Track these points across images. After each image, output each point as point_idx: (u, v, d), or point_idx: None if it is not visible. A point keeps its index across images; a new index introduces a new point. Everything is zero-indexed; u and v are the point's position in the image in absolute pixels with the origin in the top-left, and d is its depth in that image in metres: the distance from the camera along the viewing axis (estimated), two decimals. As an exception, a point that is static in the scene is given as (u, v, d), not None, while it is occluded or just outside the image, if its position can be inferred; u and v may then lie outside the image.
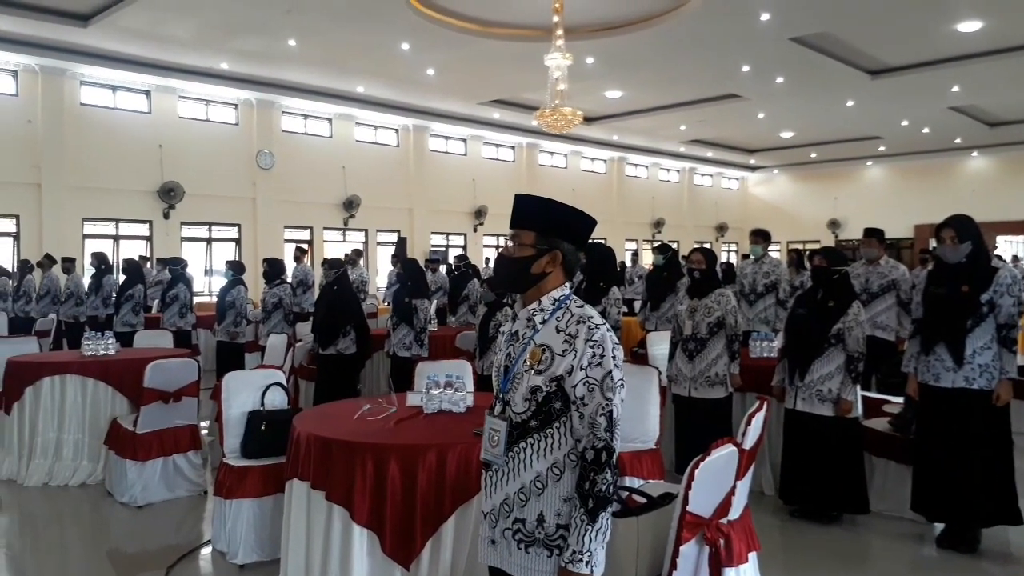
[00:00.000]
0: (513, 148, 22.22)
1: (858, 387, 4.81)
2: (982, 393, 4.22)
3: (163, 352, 6.58)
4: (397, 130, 19.47)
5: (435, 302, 10.99)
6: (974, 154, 24.37)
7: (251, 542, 4.16)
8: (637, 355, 7.76)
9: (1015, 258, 17.93)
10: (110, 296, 10.16)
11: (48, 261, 11.47)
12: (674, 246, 8.89)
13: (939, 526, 4.59)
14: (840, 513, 4.86)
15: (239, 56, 14.16)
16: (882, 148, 24.17)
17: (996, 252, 7.90)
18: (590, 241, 2.90)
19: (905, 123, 20.26)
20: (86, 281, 10.91)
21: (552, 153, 23.29)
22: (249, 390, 4.50)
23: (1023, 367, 6.29)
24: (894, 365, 5.84)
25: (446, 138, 20.61)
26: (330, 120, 18.15)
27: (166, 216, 15.52)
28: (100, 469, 5.78)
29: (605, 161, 24.89)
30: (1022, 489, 4.41)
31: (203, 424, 6.44)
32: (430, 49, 13.44)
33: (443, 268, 13.79)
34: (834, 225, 27.21)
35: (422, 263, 10.22)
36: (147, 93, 15.36)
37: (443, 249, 20.17)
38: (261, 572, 4.04)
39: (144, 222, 15.49)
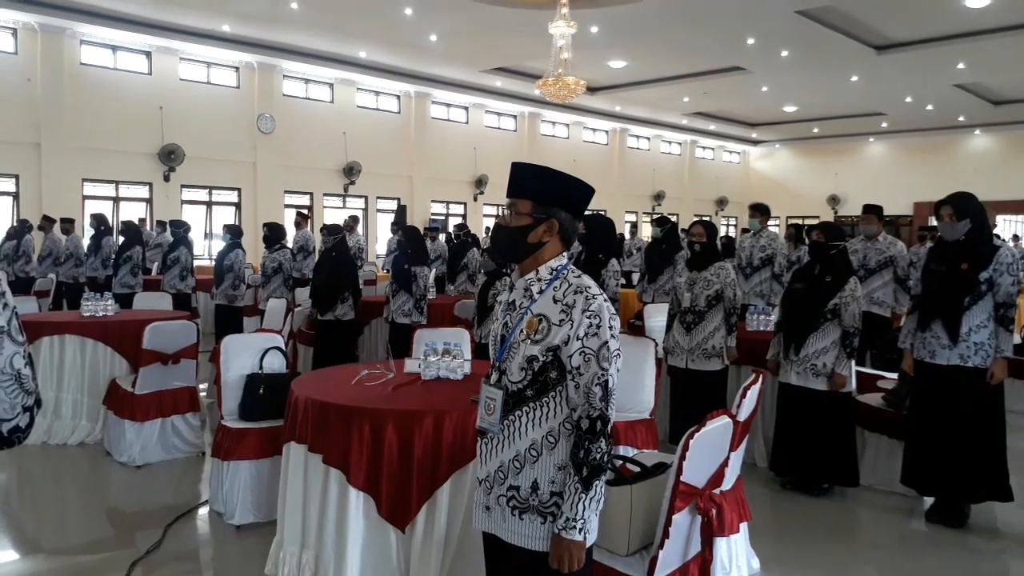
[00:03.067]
0: (515, 117, 22.08)
1: (852, 362, 4.83)
2: (977, 371, 4.25)
3: (162, 314, 6.60)
4: (399, 96, 19.34)
5: (434, 270, 11.00)
6: (977, 132, 24.24)
7: (248, 503, 4.21)
8: (634, 327, 7.80)
9: (1015, 237, 17.92)
10: (109, 258, 10.16)
11: (47, 223, 11.44)
12: (674, 219, 8.86)
13: (928, 501, 4.64)
14: (831, 486, 4.91)
15: (241, 18, 14.02)
16: (885, 124, 24.05)
17: (995, 231, 7.90)
18: (589, 213, 2.89)
19: (909, 99, 20.14)
20: (85, 242, 10.89)
21: (554, 123, 23.15)
22: (248, 353, 4.52)
23: (1019, 346, 6.36)
24: (889, 341, 5.89)
25: (448, 106, 20.47)
26: (331, 85, 18.02)
27: (166, 179, 15.47)
28: (99, 429, 5.82)
29: (607, 132, 24.75)
30: (1013, 466, 4.46)
31: (202, 386, 6.48)
32: (433, 14, 13.31)
33: (442, 237, 13.78)
34: (834, 201, 27.16)
35: (422, 231, 10.21)
36: (147, 54, 15.23)
37: (443, 217, 20.13)
38: (257, 533, 4.09)
39: (144, 184, 15.45)
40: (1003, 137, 23.97)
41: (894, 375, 5.27)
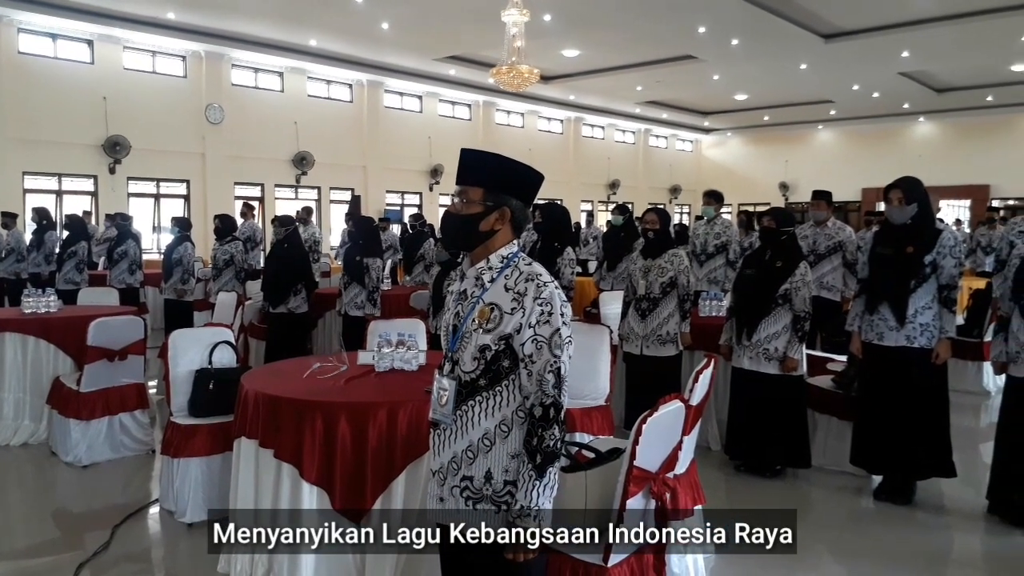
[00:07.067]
0: (469, 106, 21.96)
1: (803, 346, 4.91)
2: (922, 351, 4.35)
3: (108, 310, 6.43)
4: (351, 85, 19.08)
5: (388, 261, 10.90)
6: (921, 119, 24.77)
7: (199, 501, 4.13)
8: (590, 314, 7.83)
9: (957, 221, 18.40)
10: (53, 253, 9.86)
11: (-14, 218, 11.05)
12: (629, 207, 8.89)
13: (877, 479, 4.75)
14: (783, 467, 5.00)
15: (186, 5, 13.67)
16: (833, 112, 24.46)
17: (938, 216, 8.10)
18: (545, 201, 2.87)
19: (856, 87, 20.50)
20: (27, 237, 10.57)
21: (509, 112, 23.09)
22: (197, 348, 4.44)
23: (961, 327, 6.54)
24: (839, 324, 6.00)
25: (401, 95, 20.26)
26: (281, 74, 17.69)
27: (112, 171, 15.06)
28: (43, 428, 5.65)
29: (562, 121, 24.77)
30: (957, 444, 4.58)
31: (151, 383, 6.34)
32: (385, 2, 13.14)
33: (395, 227, 13.66)
34: (784, 188, 27.56)
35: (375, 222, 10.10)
36: (90, 43, 14.76)
37: (398, 208, 19.96)
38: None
39: (89, 177, 15.02)
40: (946, 124, 24.53)
41: (843, 357, 5.37)
